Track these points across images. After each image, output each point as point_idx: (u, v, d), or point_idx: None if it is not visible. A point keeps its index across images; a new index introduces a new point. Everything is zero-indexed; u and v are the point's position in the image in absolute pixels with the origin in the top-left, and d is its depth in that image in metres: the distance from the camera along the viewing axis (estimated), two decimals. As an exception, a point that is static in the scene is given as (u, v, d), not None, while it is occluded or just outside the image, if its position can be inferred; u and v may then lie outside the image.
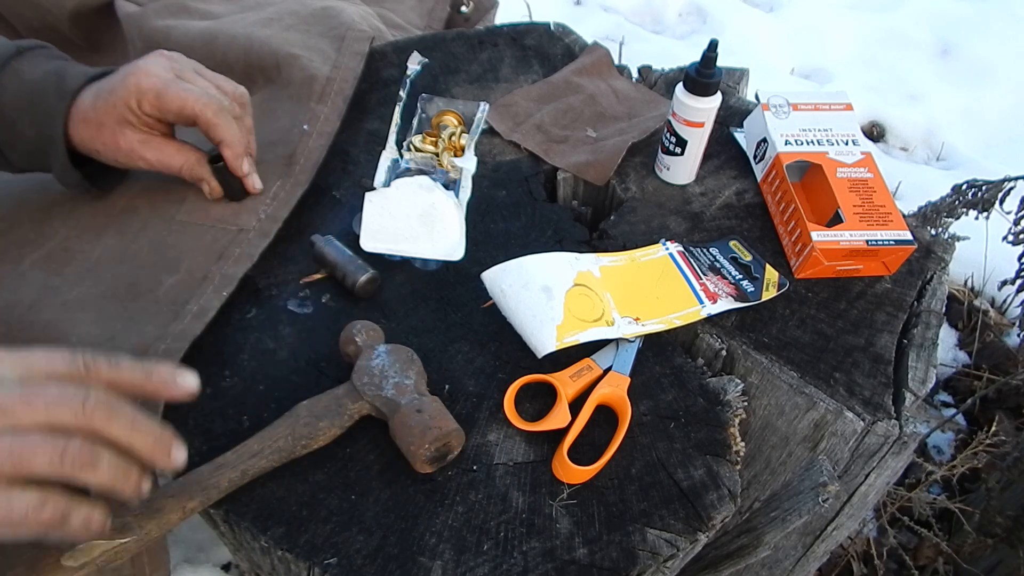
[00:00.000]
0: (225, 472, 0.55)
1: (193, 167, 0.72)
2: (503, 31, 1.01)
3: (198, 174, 0.72)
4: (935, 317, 0.73)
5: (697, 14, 2.34)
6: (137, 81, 0.67)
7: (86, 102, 0.68)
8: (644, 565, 0.56)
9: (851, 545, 1.20)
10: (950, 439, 1.39)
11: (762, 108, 0.82)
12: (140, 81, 0.67)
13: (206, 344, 0.66)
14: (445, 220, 0.70)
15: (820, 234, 0.71)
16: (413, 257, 0.72)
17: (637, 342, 0.67)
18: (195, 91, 0.69)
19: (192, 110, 0.68)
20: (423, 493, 0.58)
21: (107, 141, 0.69)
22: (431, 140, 0.82)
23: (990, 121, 2.00)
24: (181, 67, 0.71)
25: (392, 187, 0.70)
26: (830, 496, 0.63)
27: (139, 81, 0.67)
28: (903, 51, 2.17)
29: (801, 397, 0.66)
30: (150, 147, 0.70)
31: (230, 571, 1.13)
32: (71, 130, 0.69)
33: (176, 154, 0.72)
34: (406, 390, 0.59)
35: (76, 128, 0.69)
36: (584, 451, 0.61)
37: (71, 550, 0.48)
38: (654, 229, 0.78)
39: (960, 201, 1.13)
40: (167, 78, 0.68)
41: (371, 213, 0.70)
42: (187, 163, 0.72)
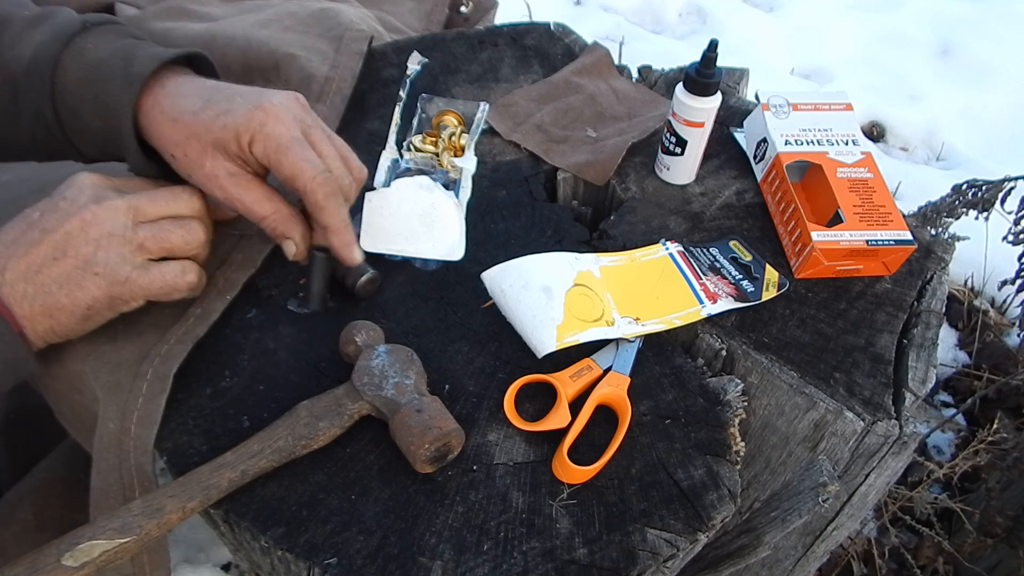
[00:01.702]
0: (225, 472, 0.55)
1: (280, 222, 0.64)
2: (503, 31, 1.01)
3: (284, 231, 0.64)
4: (935, 317, 0.73)
5: (697, 14, 2.34)
6: (263, 122, 0.60)
7: (182, 103, 0.61)
8: (644, 565, 0.56)
9: (851, 545, 1.20)
10: (950, 439, 1.39)
11: (762, 108, 0.82)
12: (266, 125, 0.60)
13: (206, 344, 0.66)
14: (445, 220, 0.70)
15: (820, 234, 0.71)
16: (413, 257, 0.72)
17: (637, 342, 0.67)
18: (316, 165, 0.61)
19: (304, 185, 0.61)
20: (423, 493, 0.58)
21: (191, 155, 0.61)
22: (431, 140, 0.82)
23: (990, 121, 2.00)
24: (311, 124, 0.63)
25: (392, 187, 0.70)
26: (830, 496, 0.63)
27: (264, 124, 0.60)
28: (903, 51, 2.17)
29: (801, 397, 0.66)
30: (238, 184, 0.62)
31: (230, 571, 1.13)
32: (144, 120, 0.62)
33: (265, 202, 0.63)
34: (406, 390, 0.60)
35: (155, 123, 0.61)
36: (584, 451, 0.61)
37: (71, 550, 0.48)
38: (654, 229, 0.78)
39: (960, 201, 1.13)
40: (294, 136, 0.61)
41: (371, 213, 0.70)
42: (275, 216, 0.64)
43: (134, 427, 0.58)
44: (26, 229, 0.57)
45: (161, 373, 0.61)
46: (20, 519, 0.75)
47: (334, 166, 0.63)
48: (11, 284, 0.55)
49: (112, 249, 0.57)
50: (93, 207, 0.57)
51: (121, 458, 0.58)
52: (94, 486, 0.59)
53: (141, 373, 0.61)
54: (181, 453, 0.59)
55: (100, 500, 0.59)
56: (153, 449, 0.59)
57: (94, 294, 0.57)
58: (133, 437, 0.58)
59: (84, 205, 0.57)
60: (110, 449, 0.58)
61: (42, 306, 0.56)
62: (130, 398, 0.59)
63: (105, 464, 0.58)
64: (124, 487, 0.58)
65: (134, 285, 0.58)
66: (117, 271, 0.57)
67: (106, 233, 0.57)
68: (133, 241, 0.58)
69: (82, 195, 0.58)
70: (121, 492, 0.58)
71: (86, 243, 0.56)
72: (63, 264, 0.56)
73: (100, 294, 0.57)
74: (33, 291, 0.56)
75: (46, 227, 0.57)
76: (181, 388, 0.63)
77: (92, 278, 0.56)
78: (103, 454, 0.58)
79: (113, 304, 0.59)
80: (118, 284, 0.57)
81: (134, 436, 0.58)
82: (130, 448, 0.58)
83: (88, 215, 0.57)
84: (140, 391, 0.59)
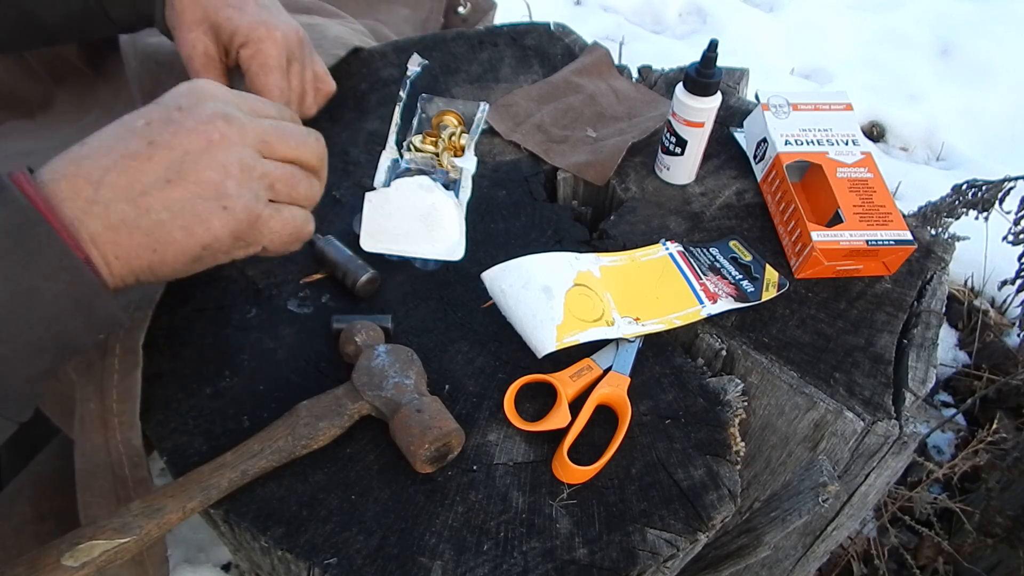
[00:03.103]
0: (225, 472, 0.55)
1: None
2: (503, 31, 1.01)
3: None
4: (935, 317, 0.73)
5: (697, 14, 2.34)
6: (261, 38, 0.66)
7: None
8: (644, 565, 0.56)
9: (851, 545, 1.20)
10: (950, 439, 1.39)
11: (762, 108, 0.82)
12: (263, 41, 0.66)
13: (206, 344, 0.66)
14: (445, 220, 0.70)
15: (820, 234, 0.71)
16: (413, 257, 0.72)
17: (637, 342, 0.67)
18: (282, 95, 0.69)
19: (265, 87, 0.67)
20: (423, 493, 0.58)
21: (186, 17, 0.66)
22: (431, 140, 0.82)
23: (990, 121, 2.00)
24: (296, 58, 0.71)
25: (392, 187, 0.70)
26: (830, 496, 0.63)
27: (263, 40, 0.66)
28: (903, 51, 2.17)
29: (801, 397, 0.66)
30: (205, 65, 0.68)
31: (230, 571, 1.13)
32: None
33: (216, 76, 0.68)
34: (406, 390, 0.60)
35: None
36: (584, 451, 0.61)
37: (71, 550, 0.48)
38: (654, 229, 0.78)
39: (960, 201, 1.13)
40: (279, 63, 0.68)
41: (371, 213, 0.70)
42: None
43: (116, 404, 0.58)
44: (126, 136, 0.47)
45: (129, 347, 0.59)
46: (18, 511, 0.75)
47: (293, 100, 0.71)
48: (106, 203, 0.45)
49: (244, 180, 0.48)
50: (222, 124, 0.48)
51: (107, 436, 0.58)
52: (79, 468, 0.58)
53: (109, 349, 0.58)
54: (181, 453, 0.59)
55: (88, 480, 0.58)
56: (139, 423, 0.58)
57: (217, 231, 0.47)
58: (116, 414, 0.57)
59: (209, 120, 0.48)
60: (94, 428, 0.58)
61: (146, 237, 0.46)
62: (105, 376, 0.58)
63: (90, 444, 0.58)
64: (112, 464, 0.57)
65: (264, 227, 0.50)
66: (251, 206, 0.48)
67: (236, 160, 0.48)
68: (267, 176, 0.50)
69: (204, 106, 0.48)
70: (110, 470, 0.57)
71: (212, 167, 0.47)
72: (179, 189, 0.46)
73: (224, 232, 0.48)
74: (135, 216, 0.45)
75: (156, 140, 0.47)
76: (181, 388, 0.63)
77: (219, 212, 0.47)
78: (88, 435, 0.58)
79: (233, 247, 0.50)
80: (248, 223, 0.49)
81: (117, 412, 0.57)
82: (115, 425, 0.57)
83: (216, 134, 0.47)
84: (113, 367, 0.58)
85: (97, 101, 0.93)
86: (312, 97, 0.76)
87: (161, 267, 0.48)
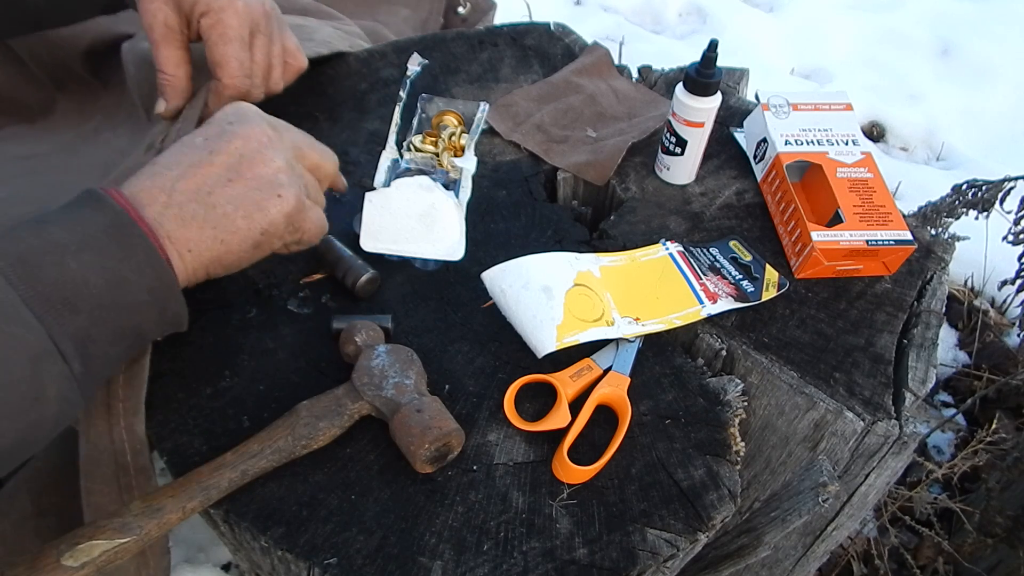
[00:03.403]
0: (225, 472, 0.55)
1: (170, 87, 0.69)
2: (503, 31, 1.01)
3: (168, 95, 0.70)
4: (935, 317, 0.73)
5: (697, 14, 2.34)
6: (223, 7, 0.64)
7: None
8: (644, 565, 0.56)
9: (851, 545, 1.20)
10: (950, 439, 1.39)
11: (762, 108, 0.82)
12: (224, 11, 0.64)
13: (206, 344, 0.66)
14: (445, 220, 0.70)
15: (820, 234, 0.71)
16: (413, 257, 0.72)
17: (637, 342, 0.67)
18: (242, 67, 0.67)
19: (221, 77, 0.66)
20: (423, 493, 0.58)
21: None
22: (431, 140, 0.82)
23: (990, 121, 2.00)
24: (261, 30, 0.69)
25: (392, 187, 0.70)
26: (830, 496, 0.63)
27: (224, 9, 0.64)
28: (903, 51, 2.17)
29: (801, 397, 0.66)
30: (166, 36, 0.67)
31: (230, 571, 1.13)
32: None
33: (173, 64, 0.68)
34: (406, 390, 0.60)
35: None
36: (584, 451, 0.61)
37: (71, 550, 0.48)
38: (654, 229, 0.78)
39: (960, 201, 1.13)
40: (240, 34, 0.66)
41: (371, 213, 0.70)
42: (172, 81, 0.68)
43: (121, 390, 0.58)
44: (188, 152, 0.55)
45: None
46: (19, 507, 0.75)
47: (255, 73, 0.69)
48: (179, 205, 0.52)
49: (290, 175, 0.56)
50: (268, 130, 0.57)
51: (111, 422, 0.58)
52: (83, 455, 0.58)
53: None
54: (181, 453, 0.59)
55: (91, 468, 0.58)
56: (144, 410, 0.58)
57: (273, 216, 0.55)
58: (122, 399, 0.58)
59: (257, 128, 0.56)
60: (99, 415, 0.58)
61: (214, 229, 0.53)
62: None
63: (95, 431, 0.58)
64: (115, 452, 0.57)
65: (306, 216, 0.58)
66: (298, 195, 0.56)
67: (282, 159, 0.56)
68: (302, 177, 0.58)
69: (250, 120, 0.57)
70: (112, 457, 0.57)
71: (263, 164, 0.55)
72: (239, 185, 0.54)
73: (279, 216, 0.55)
74: (205, 212, 0.53)
75: (215, 148, 0.55)
76: (181, 388, 0.63)
77: (275, 199, 0.55)
78: (92, 420, 0.58)
79: (285, 231, 0.57)
80: (297, 209, 0.56)
81: (123, 398, 0.58)
82: (120, 411, 0.58)
83: (264, 138, 0.56)
84: None
85: (98, 108, 0.93)
86: (280, 72, 0.74)
87: (227, 256, 0.55)
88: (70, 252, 0.47)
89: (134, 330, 0.51)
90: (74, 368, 0.47)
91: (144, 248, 0.50)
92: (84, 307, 0.47)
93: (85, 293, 0.47)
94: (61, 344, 0.46)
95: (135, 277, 0.49)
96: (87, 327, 0.47)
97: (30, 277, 0.46)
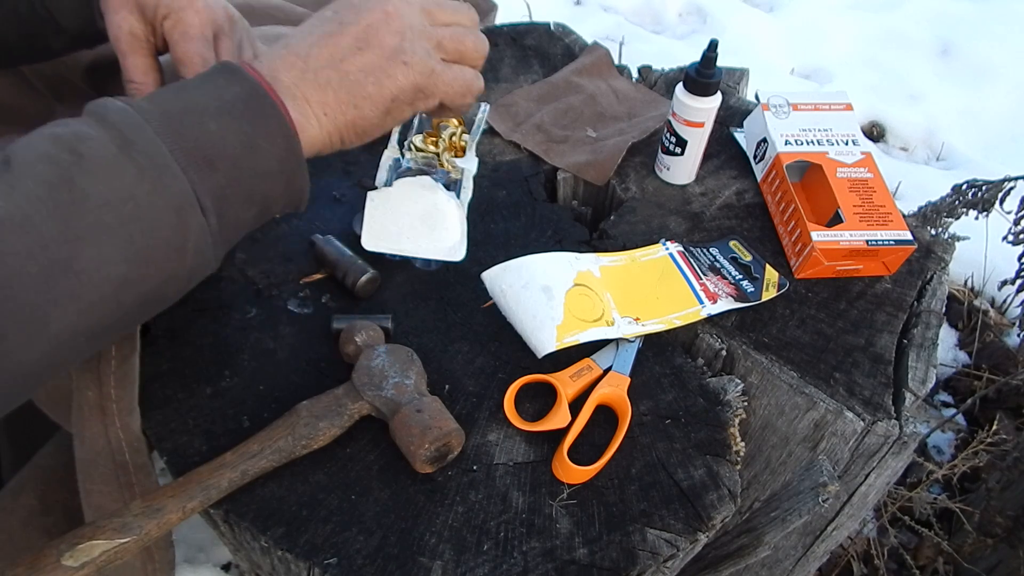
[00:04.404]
0: (225, 472, 0.55)
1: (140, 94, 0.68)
2: (503, 31, 1.01)
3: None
4: (935, 317, 0.73)
5: (697, 14, 2.34)
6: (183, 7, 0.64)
7: None
8: (644, 565, 0.56)
9: (851, 545, 1.20)
10: (950, 439, 1.39)
11: (762, 108, 0.82)
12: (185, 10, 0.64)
13: (206, 344, 0.66)
14: (446, 220, 0.70)
15: (820, 234, 0.71)
16: (414, 257, 0.72)
17: (637, 342, 0.67)
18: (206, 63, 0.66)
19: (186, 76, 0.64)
20: (423, 493, 0.58)
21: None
22: (432, 140, 0.82)
23: (990, 121, 2.00)
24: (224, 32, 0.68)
25: (394, 187, 0.70)
26: (830, 496, 0.63)
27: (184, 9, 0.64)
28: (903, 51, 2.17)
29: (801, 397, 0.66)
30: (132, 44, 0.66)
31: (230, 571, 1.13)
32: None
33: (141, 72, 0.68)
34: (406, 390, 0.60)
35: None
36: (584, 451, 0.61)
37: (71, 550, 0.49)
38: (654, 229, 0.78)
39: (960, 201, 1.13)
40: (202, 32, 0.65)
41: (373, 213, 0.70)
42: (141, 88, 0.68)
43: (114, 390, 0.58)
44: (320, 24, 0.57)
45: (126, 332, 0.59)
46: (24, 505, 0.75)
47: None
48: (315, 71, 0.55)
49: (417, 41, 0.58)
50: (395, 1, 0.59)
51: (106, 423, 0.58)
52: (79, 457, 0.59)
53: None
54: (181, 453, 0.59)
55: (88, 470, 0.58)
56: (138, 408, 0.58)
57: (401, 83, 0.57)
58: (115, 399, 0.58)
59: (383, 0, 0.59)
60: (93, 416, 0.58)
61: (347, 94, 0.56)
62: (102, 363, 0.58)
63: (89, 433, 0.58)
64: (113, 451, 0.58)
65: (438, 79, 0.59)
66: (425, 61, 0.58)
67: (408, 26, 0.58)
68: (434, 37, 0.60)
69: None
70: (110, 457, 0.58)
71: (390, 34, 0.57)
72: (368, 54, 0.57)
73: (407, 83, 0.58)
74: (339, 78, 0.56)
75: (344, 20, 0.57)
76: (181, 388, 0.63)
77: (401, 67, 0.57)
78: (86, 423, 0.58)
79: (416, 97, 0.59)
80: (425, 75, 0.58)
81: (116, 399, 0.58)
82: (113, 411, 0.58)
83: (390, 7, 0.58)
84: (110, 354, 0.59)
85: None
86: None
87: (360, 121, 0.57)
88: (209, 114, 0.50)
89: (263, 198, 0.54)
90: (211, 223, 0.50)
91: (276, 118, 0.52)
92: (221, 166, 0.50)
93: (223, 153, 0.50)
94: (202, 198, 0.49)
95: (267, 145, 0.52)
96: (223, 186, 0.50)
97: (174, 133, 0.48)
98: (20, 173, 0.45)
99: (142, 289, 0.48)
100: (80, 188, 0.45)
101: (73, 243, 0.44)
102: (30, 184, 0.44)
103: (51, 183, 0.45)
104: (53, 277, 0.44)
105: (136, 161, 0.47)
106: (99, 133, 0.47)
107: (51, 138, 0.47)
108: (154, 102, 0.50)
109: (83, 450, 0.58)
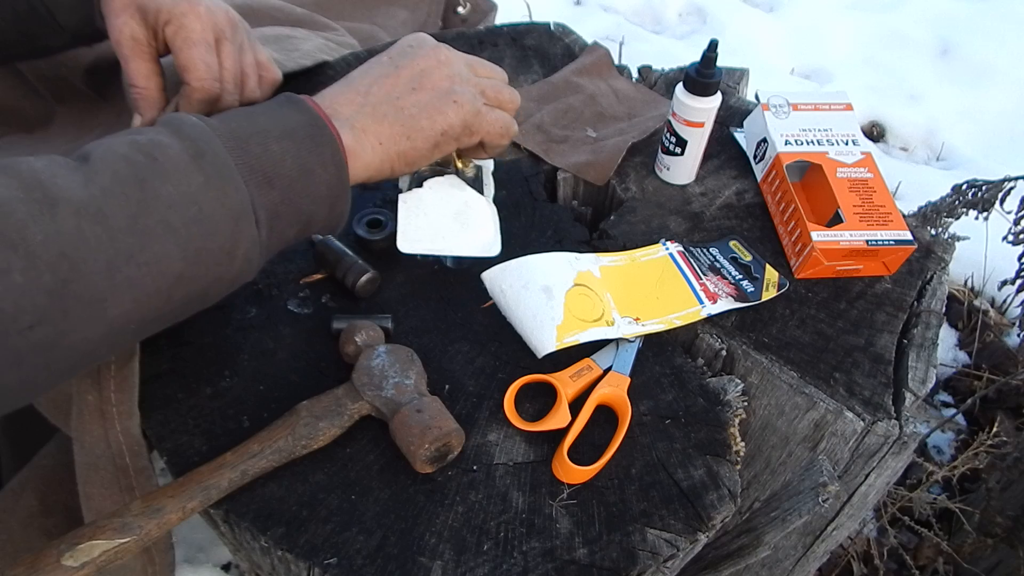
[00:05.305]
0: (225, 472, 0.55)
1: (142, 99, 0.71)
2: (503, 31, 1.01)
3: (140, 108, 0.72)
4: (935, 317, 0.73)
5: (697, 14, 2.34)
6: (184, 13, 0.66)
7: None
8: (644, 565, 0.56)
9: (851, 545, 1.20)
10: (950, 439, 1.39)
11: (762, 108, 0.82)
12: (186, 16, 0.66)
13: (206, 344, 0.66)
14: (479, 218, 0.70)
15: (820, 234, 0.71)
16: (445, 256, 0.72)
17: (637, 342, 0.67)
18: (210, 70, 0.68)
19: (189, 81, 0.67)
20: (423, 493, 0.58)
21: (115, 3, 0.67)
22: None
23: (990, 121, 2.00)
24: (226, 37, 0.70)
25: (425, 187, 0.70)
26: (830, 496, 0.63)
27: (185, 14, 0.66)
28: (903, 51, 2.17)
29: (801, 397, 0.66)
30: (133, 49, 0.68)
31: (230, 571, 1.14)
32: None
33: (143, 76, 0.70)
34: (406, 390, 0.60)
35: None
36: (584, 451, 0.61)
37: (71, 550, 0.48)
38: (654, 229, 0.78)
39: (960, 201, 1.13)
40: (204, 37, 0.67)
41: (406, 215, 0.69)
42: (143, 93, 0.70)
43: (113, 394, 0.58)
44: (378, 66, 0.64)
45: None
46: (25, 505, 0.75)
47: (226, 79, 0.71)
48: (373, 105, 0.61)
49: (465, 85, 0.64)
50: (445, 51, 0.65)
51: (106, 427, 0.58)
52: (79, 462, 0.59)
53: None
54: (181, 453, 0.59)
55: (88, 474, 0.58)
56: (138, 412, 0.59)
57: (452, 119, 0.63)
58: (115, 403, 0.58)
59: (435, 48, 0.65)
60: (93, 420, 0.58)
61: (403, 127, 0.61)
62: (102, 367, 0.59)
63: (89, 437, 0.58)
64: (113, 455, 0.58)
65: (483, 119, 0.65)
66: (473, 102, 0.64)
67: (457, 72, 0.64)
68: (478, 85, 0.66)
69: (428, 42, 0.66)
70: (111, 461, 0.58)
71: (442, 78, 0.63)
72: (422, 93, 0.62)
73: (457, 120, 0.63)
74: (395, 112, 0.61)
75: (400, 64, 0.63)
76: (181, 388, 0.63)
77: (452, 105, 0.63)
78: (86, 427, 0.58)
79: (462, 133, 0.64)
80: (473, 114, 0.64)
81: (115, 402, 0.58)
82: (113, 415, 0.58)
83: (442, 56, 0.64)
84: (110, 358, 0.59)
85: (98, 122, 0.93)
86: (255, 81, 0.75)
87: (411, 152, 0.62)
88: (272, 137, 0.55)
89: (308, 218, 0.57)
90: (262, 235, 0.54)
91: (331, 147, 0.57)
92: (278, 184, 0.54)
93: (281, 173, 0.54)
94: (258, 211, 0.53)
95: (320, 170, 0.56)
96: (278, 202, 0.54)
97: (241, 150, 0.53)
98: (98, 168, 0.48)
99: (192, 287, 0.51)
100: (152, 188, 0.49)
101: (139, 236, 0.47)
102: (107, 179, 0.48)
103: (126, 180, 0.48)
104: (117, 265, 0.46)
105: (205, 170, 0.50)
106: (174, 142, 0.51)
107: (129, 142, 0.50)
108: (224, 121, 0.54)
109: (83, 454, 0.58)
